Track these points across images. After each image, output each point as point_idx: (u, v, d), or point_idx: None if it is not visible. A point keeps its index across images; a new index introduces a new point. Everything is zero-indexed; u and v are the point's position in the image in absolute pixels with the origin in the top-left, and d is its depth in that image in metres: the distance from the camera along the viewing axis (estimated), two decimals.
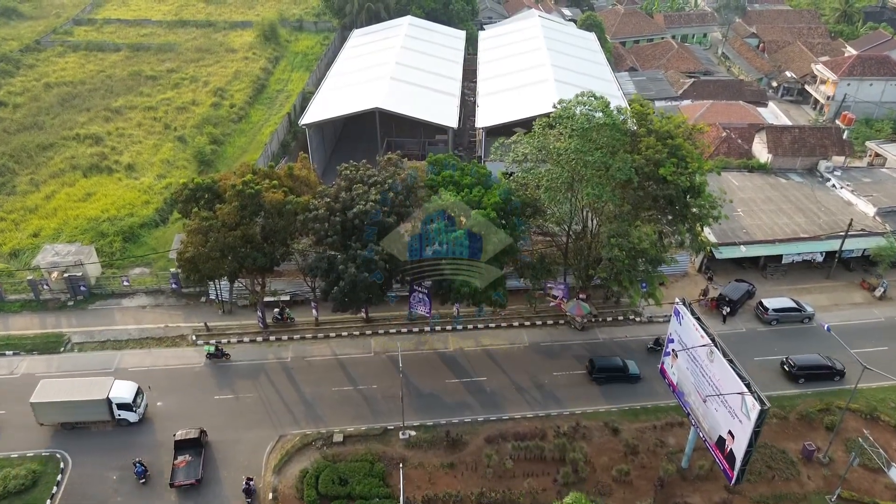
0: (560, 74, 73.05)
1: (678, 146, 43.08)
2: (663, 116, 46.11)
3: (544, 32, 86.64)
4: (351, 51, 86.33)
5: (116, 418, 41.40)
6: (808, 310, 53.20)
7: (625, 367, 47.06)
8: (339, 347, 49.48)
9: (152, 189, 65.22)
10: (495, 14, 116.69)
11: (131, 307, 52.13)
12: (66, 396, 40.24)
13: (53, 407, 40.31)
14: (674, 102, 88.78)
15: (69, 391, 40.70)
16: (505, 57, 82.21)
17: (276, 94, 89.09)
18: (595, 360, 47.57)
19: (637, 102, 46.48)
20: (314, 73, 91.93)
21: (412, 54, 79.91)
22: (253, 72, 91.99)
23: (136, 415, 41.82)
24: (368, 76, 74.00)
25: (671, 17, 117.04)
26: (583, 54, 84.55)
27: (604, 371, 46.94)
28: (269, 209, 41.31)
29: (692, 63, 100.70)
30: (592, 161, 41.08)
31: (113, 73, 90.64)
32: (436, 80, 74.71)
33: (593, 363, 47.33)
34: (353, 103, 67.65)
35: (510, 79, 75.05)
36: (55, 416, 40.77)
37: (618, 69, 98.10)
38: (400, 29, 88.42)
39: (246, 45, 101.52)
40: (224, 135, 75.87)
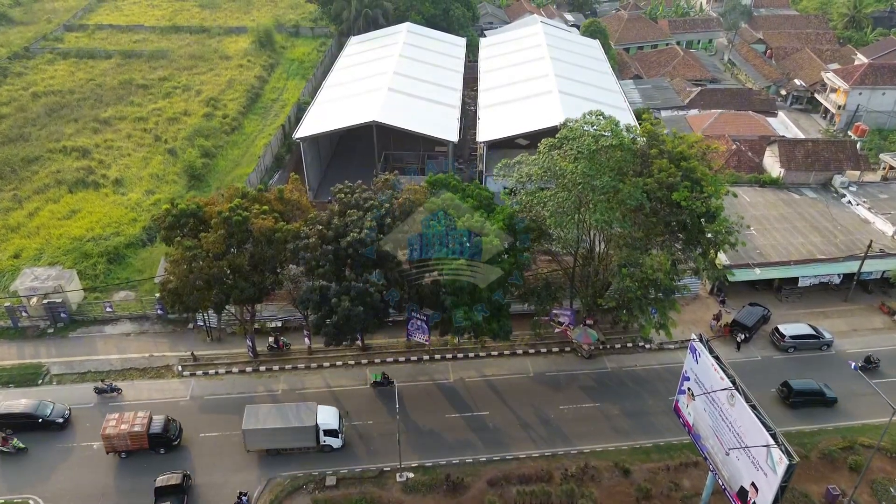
0: (564, 85, 70.51)
1: (692, 168, 40.49)
2: (675, 136, 43.48)
3: (547, 40, 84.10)
4: (348, 59, 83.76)
5: (321, 444, 40.33)
6: (827, 336, 50.61)
7: (822, 391, 45.57)
8: (332, 378, 46.87)
9: (140, 206, 62.61)
10: (496, 19, 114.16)
11: (114, 334, 49.50)
12: (277, 423, 39.09)
13: (264, 434, 39.26)
14: (680, 112, 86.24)
15: (277, 417, 39.40)
16: (507, 66, 79.64)
17: (270, 103, 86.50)
18: (791, 382, 45.94)
19: (648, 121, 43.82)
20: (310, 82, 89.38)
21: (411, 63, 77.36)
22: (247, 80, 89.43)
23: (340, 440, 40.67)
24: (365, 87, 71.42)
25: (676, 23, 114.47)
26: (587, 63, 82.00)
27: (802, 395, 45.38)
28: (257, 237, 38.70)
29: (698, 70, 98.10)
30: (600, 186, 38.56)
31: (103, 82, 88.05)
32: (435, 91, 72.14)
33: (789, 386, 45.69)
34: (350, 116, 65.06)
35: (512, 90, 72.48)
36: (264, 442, 39.80)
37: (622, 77, 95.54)
38: (398, 36, 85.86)
39: (241, 52, 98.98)
40: (216, 147, 73.25)
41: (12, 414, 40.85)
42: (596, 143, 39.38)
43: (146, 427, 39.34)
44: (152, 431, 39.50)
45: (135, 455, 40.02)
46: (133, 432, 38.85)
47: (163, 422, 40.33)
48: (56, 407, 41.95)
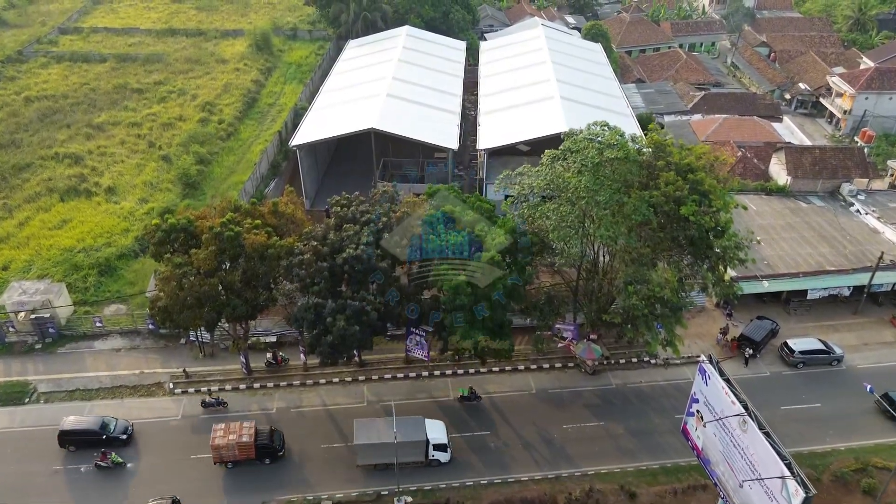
0: (566, 91, 69.07)
1: (700, 181, 39.09)
2: (683, 147, 42.04)
3: (548, 44, 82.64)
4: (345, 64, 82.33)
5: (429, 458, 40.10)
6: (837, 352, 49.26)
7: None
8: (329, 396, 45.48)
9: (133, 215, 61.18)
10: (496, 22, 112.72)
11: (104, 350, 48.09)
12: (388, 438, 38.36)
13: (376, 449, 38.95)
14: (684, 117, 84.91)
15: (388, 432, 38.66)
16: (507, 70, 78.22)
17: (267, 108, 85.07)
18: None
19: (654, 132, 42.42)
20: (307, 87, 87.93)
21: (410, 68, 75.93)
22: (244, 84, 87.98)
23: (448, 455, 40.42)
24: (363, 93, 69.98)
25: (678, 26, 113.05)
26: (589, 67, 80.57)
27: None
28: (250, 253, 37.29)
29: (702, 74, 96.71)
30: (603, 201, 37.21)
31: (97, 86, 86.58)
32: (435, 97, 70.71)
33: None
34: (347, 123, 63.63)
35: (513, 95, 71.04)
36: (375, 457, 39.59)
37: (624, 81, 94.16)
38: (397, 40, 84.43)
39: (237, 56, 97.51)
40: (211, 153, 71.80)
41: (77, 430, 40.15)
42: (600, 155, 37.98)
43: (254, 437, 38.89)
44: (259, 442, 39.29)
45: (241, 465, 39.64)
46: (241, 443, 38.64)
47: (268, 432, 40.17)
48: (119, 422, 41.24)
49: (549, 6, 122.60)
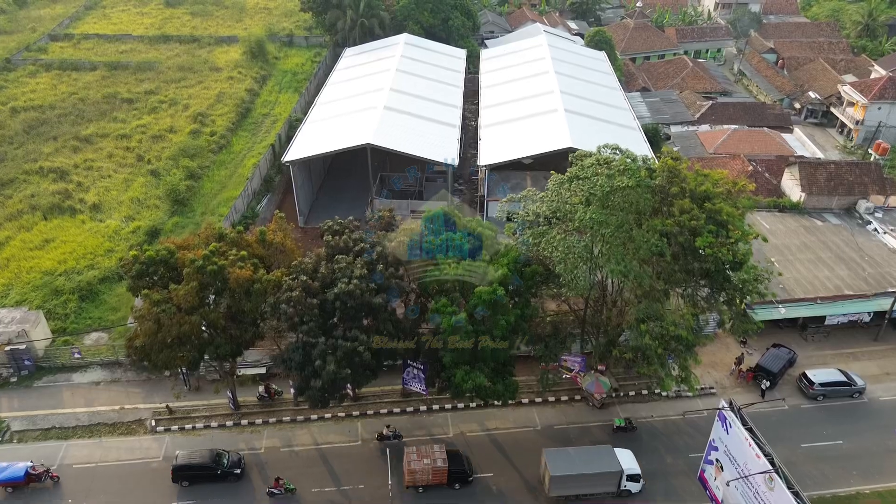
0: (570, 102, 66.49)
1: (717, 210, 36.42)
2: (699, 173, 39.32)
3: (551, 52, 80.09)
4: (342, 73, 79.72)
5: (620, 489, 39.17)
6: (859, 383, 46.62)
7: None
8: (321, 433, 42.81)
9: (118, 234, 58.52)
10: (497, 28, 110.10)
11: (83, 384, 45.41)
12: (583, 468, 38.24)
13: (572, 480, 38.26)
14: (691, 127, 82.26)
15: (581, 462, 38.58)
16: (509, 81, 75.60)
17: (261, 118, 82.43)
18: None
19: (669, 156, 39.71)
20: (303, 96, 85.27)
21: (408, 78, 73.32)
22: (237, 94, 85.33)
23: (640, 485, 39.41)
24: (360, 105, 67.37)
25: (683, 32, 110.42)
26: (593, 77, 77.99)
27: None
28: (234, 289, 34.64)
29: (708, 83, 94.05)
30: (610, 234, 34.59)
31: (86, 96, 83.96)
32: (434, 109, 68.09)
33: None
34: (343, 138, 60.97)
35: (515, 107, 68.43)
36: (569, 488, 38.88)
37: (629, 89, 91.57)
38: (395, 49, 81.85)
39: (231, 63, 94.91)
40: (202, 167, 69.15)
41: (192, 465, 38.36)
42: (610, 183, 35.29)
43: (447, 461, 38.54)
44: (453, 467, 38.83)
45: (431, 490, 39.07)
46: (436, 467, 38.23)
47: (459, 456, 40.04)
48: (231, 455, 39.58)
49: (550, 11, 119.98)
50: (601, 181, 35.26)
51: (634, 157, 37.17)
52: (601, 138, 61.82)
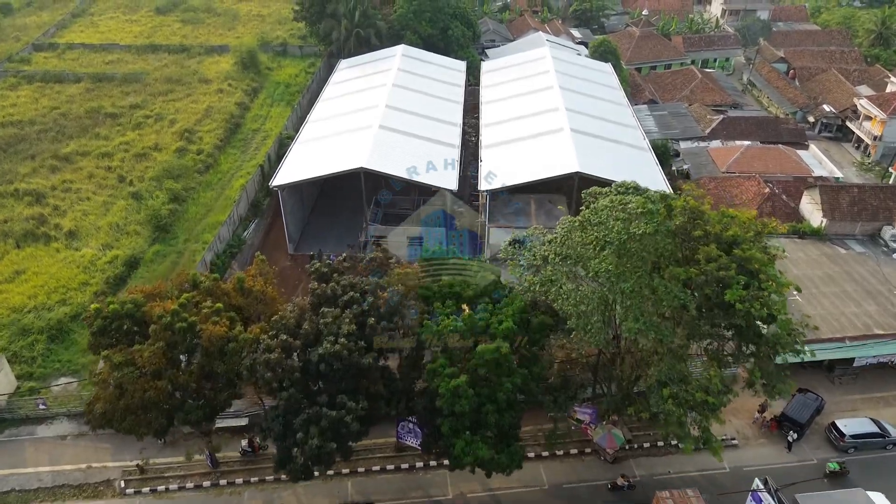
0: (576, 121, 62.77)
1: (748, 258, 32.66)
2: (724, 214, 35.49)
3: (555, 65, 76.38)
4: (335, 88, 75.98)
5: None
6: (893, 434, 42.90)
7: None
8: (307, 496, 39.03)
9: (94, 265, 54.72)
10: (498, 37, 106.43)
11: (48, 437, 41.57)
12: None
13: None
14: (701, 143, 78.50)
15: None
16: (511, 96, 71.84)
17: (251, 134, 78.65)
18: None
19: (690, 195, 35.90)
20: (295, 111, 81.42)
21: (405, 94, 69.59)
22: (227, 108, 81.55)
23: None
24: (353, 124, 63.63)
25: (691, 40, 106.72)
26: (599, 91, 74.26)
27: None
28: (207, 348, 30.89)
29: (718, 95, 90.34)
30: (629, 289, 30.87)
31: (68, 110, 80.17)
32: (432, 128, 64.33)
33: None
34: (335, 161, 57.24)
35: (518, 126, 64.65)
36: None
37: (635, 101, 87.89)
38: (392, 61, 78.13)
39: (222, 75, 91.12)
40: (187, 189, 65.33)
41: None
42: (627, 229, 31.52)
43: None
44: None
45: None
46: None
47: None
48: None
49: (553, 18, 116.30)
50: (617, 227, 31.54)
51: (654, 198, 33.42)
52: (609, 160, 58.62)
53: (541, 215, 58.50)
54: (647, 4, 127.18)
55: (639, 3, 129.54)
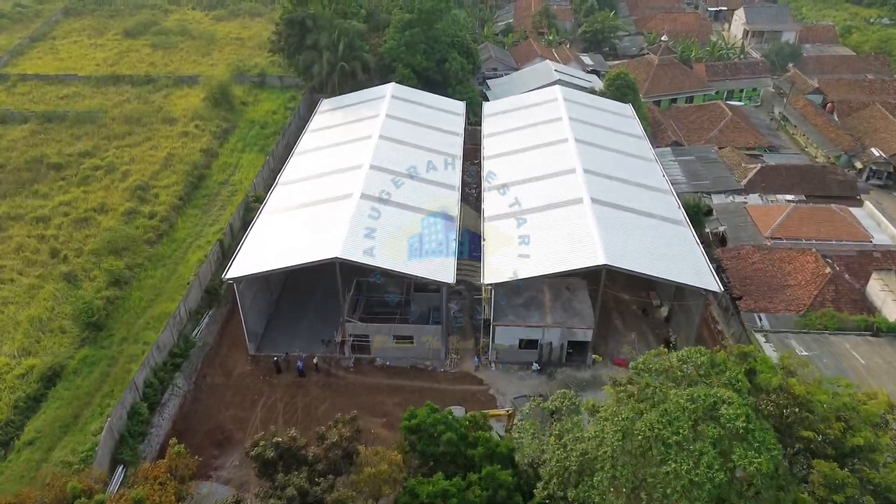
0: (597, 187, 52.33)
1: (888, 486, 21.92)
2: (835, 397, 24.71)
3: (568, 110, 65.86)
4: (313, 137, 65.32)
5: None
6: None
7: None
8: None
9: (2, 379, 44.00)
10: (501, 65, 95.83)
11: None
12: None
13: None
14: (737, 198, 67.80)
15: None
16: (518, 150, 61.20)
17: (217, 188, 67.99)
18: None
19: (783, 367, 25.14)
20: (269, 159, 70.61)
21: (393, 149, 59.02)
22: (190, 156, 70.89)
23: None
24: (330, 189, 53.07)
25: (714, 68, 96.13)
26: (622, 144, 63.65)
27: None
28: None
29: (751, 136, 79.75)
30: None
31: (7, 160, 69.52)
32: (425, 194, 53.76)
33: None
34: (304, 248, 46.51)
35: (528, 191, 54.06)
36: None
37: (657, 142, 77.38)
38: (379, 104, 67.55)
39: (189, 113, 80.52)
40: (133, 267, 54.64)
41: None
42: (693, 428, 20.84)
43: None
44: None
45: None
46: None
47: None
48: None
49: (562, 42, 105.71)
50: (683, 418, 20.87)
51: (737, 384, 22.67)
52: (640, 240, 47.74)
53: (557, 309, 47.99)
54: (663, 25, 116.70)
55: (652, 22, 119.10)
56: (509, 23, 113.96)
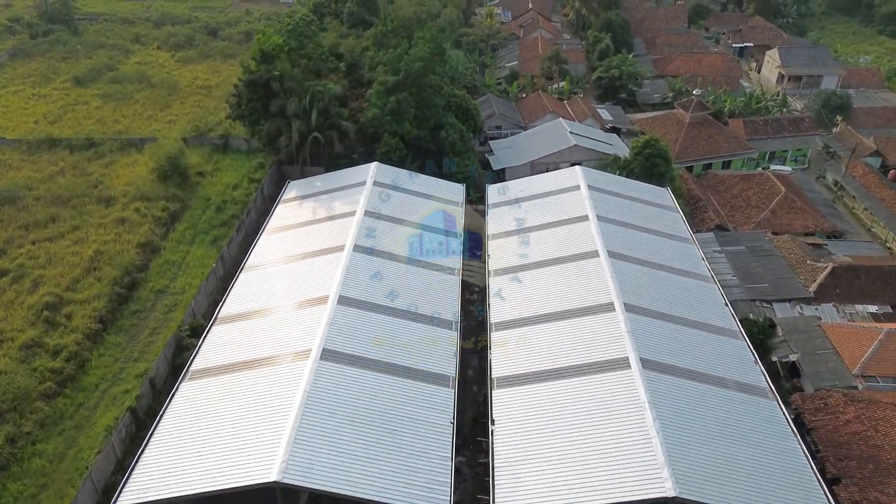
0: (648, 345, 38.24)
1: None
2: None
3: (595, 205, 52.25)
4: (269, 244, 51.31)
5: None
6: None
7: None
8: None
9: None
10: (506, 122, 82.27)
11: None
12: None
13: None
14: (805, 309, 53.90)
15: None
16: (533, 266, 47.13)
17: (153, 299, 53.93)
18: None
19: None
20: (221, 258, 56.50)
21: (370, 264, 45.23)
22: (124, 254, 56.81)
23: None
24: (282, 341, 38.93)
25: (754, 125, 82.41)
26: (666, 252, 49.79)
27: None
28: None
29: (810, 217, 65.91)
30: None
31: None
32: (411, 342, 39.59)
33: None
34: (228, 468, 32.02)
35: (549, 341, 39.86)
36: None
37: (697, 226, 63.76)
38: (357, 194, 53.88)
39: (132, 190, 66.54)
40: (17, 439, 40.49)
41: None
42: None
43: None
44: None
45: None
46: None
47: None
48: None
49: (575, 92, 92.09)
50: None
51: None
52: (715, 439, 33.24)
53: None
54: (687, 67, 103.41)
55: (674, 64, 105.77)
56: (514, 67, 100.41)
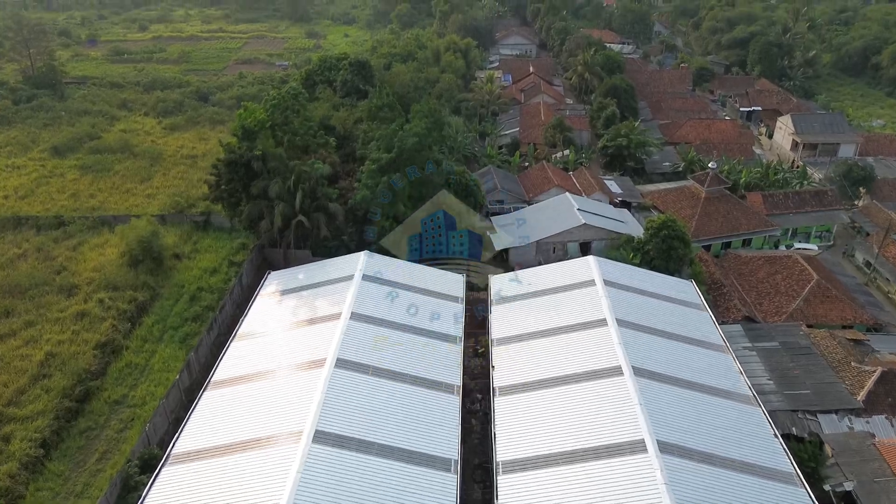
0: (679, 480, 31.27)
1: None
2: None
3: (614, 305, 45.81)
4: (242, 351, 44.75)
5: None
6: None
7: None
8: None
9: None
10: (509, 196, 76.88)
11: None
12: None
13: None
14: (853, 420, 46.99)
15: None
16: (544, 383, 40.50)
17: (107, 413, 47.18)
18: None
19: None
20: (190, 360, 49.87)
21: (355, 385, 38.47)
22: (79, 357, 50.40)
23: None
24: (258, 464, 31.98)
25: (774, 200, 77.03)
26: (694, 360, 43.21)
27: None
28: None
29: (848, 308, 59.59)
30: None
31: None
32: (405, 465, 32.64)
33: None
34: None
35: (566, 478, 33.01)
36: None
37: (721, 315, 57.42)
38: (344, 291, 47.58)
39: (98, 277, 60.62)
40: None
41: None
42: None
43: None
44: None
45: None
46: None
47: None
48: None
49: (582, 163, 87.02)
50: None
51: None
52: None
53: None
54: (697, 134, 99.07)
55: (682, 130, 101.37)
56: (515, 135, 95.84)
